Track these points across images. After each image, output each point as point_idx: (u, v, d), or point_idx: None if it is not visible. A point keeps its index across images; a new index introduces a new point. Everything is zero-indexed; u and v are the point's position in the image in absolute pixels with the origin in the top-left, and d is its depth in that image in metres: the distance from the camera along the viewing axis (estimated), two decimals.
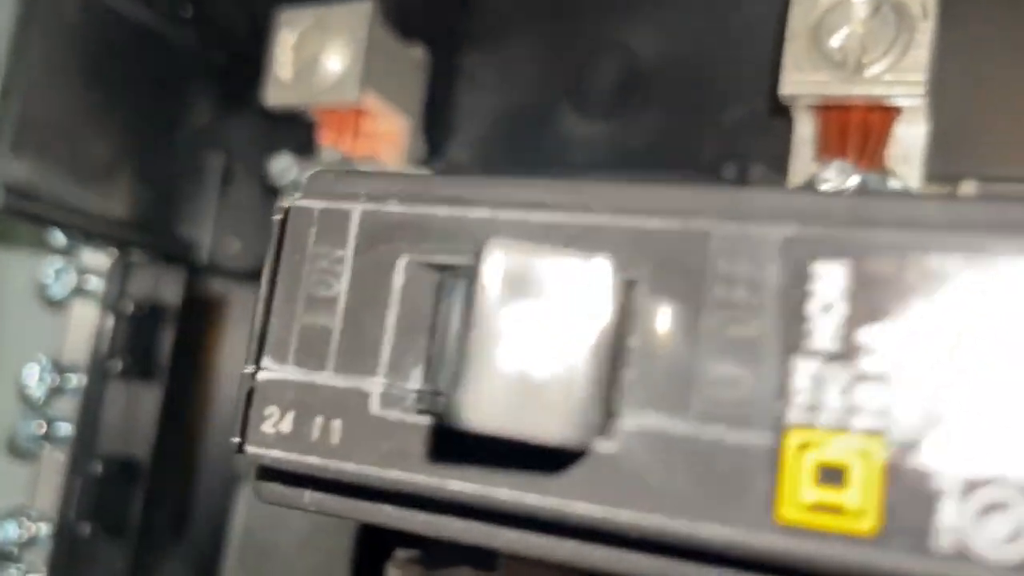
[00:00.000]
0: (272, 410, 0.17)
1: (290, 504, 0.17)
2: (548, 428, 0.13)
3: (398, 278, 0.16)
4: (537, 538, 0.15)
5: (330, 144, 0.39)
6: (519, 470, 0.14)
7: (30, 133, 0.34)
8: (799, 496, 0.13)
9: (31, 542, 0.37)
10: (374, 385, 0.16)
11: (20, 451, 0.40)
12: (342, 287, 0.17)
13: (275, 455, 0.16)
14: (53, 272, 0.41)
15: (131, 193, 0.40)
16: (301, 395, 0.17)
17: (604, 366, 0.14)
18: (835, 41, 0.29)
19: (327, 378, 0.16)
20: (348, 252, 0.17)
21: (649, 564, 0.14)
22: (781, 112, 0.33)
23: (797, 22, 0.30)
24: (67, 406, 0.39)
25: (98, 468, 0.38)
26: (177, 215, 0.41)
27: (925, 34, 0.29)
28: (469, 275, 0.14)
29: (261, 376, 0.17)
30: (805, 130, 0.32)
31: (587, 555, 0.15)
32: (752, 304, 0.14)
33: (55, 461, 0.39)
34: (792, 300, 0.14)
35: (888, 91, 0.29)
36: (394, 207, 0.17)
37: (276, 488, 0.17)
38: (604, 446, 0.14)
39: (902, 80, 0.29)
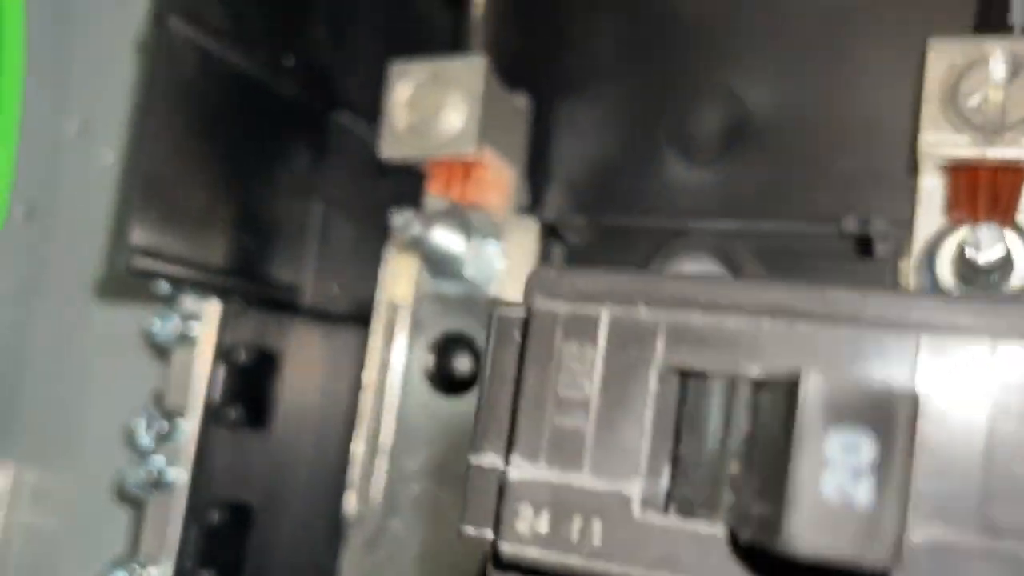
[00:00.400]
0: (527, 509, 0.17)
1: None
2: (868, 553, 0.13)
3: (653, 383, 0.17)
4: None
5: (438, 193, 0.39)
6: None
7: (154, 194, 0.34)
8: None
9: None
10: (634, 488, 0.17)
11: (129, 497, 0.41)
12: (594, 390, 0.17)
13: (533, 554, 0.17)
14: (158, 320, 0.41)
15: (234, 241, 0.40)
16: (557, 495, 0.17)
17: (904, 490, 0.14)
18: (973, 102, 0.30)
19: (584, 480, 0.17)
20: (599, 355, 0.17)
21: None
22: (902, 166, 0.34)
23: (933, 82, 0.30)
24: (173, 452, 0.39)
25: (214, 516, 0.38)
26: (279, 261, 0.42)
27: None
28: (727, 382, 0.14)
29: (513, 474, 0.17)
30: (930, 185, 0.32)
31: None
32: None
33: (163, 507, 0.39)
34: None
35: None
36: (643, 312, 0.17)
37: None
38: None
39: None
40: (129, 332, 0.43)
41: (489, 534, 0.18)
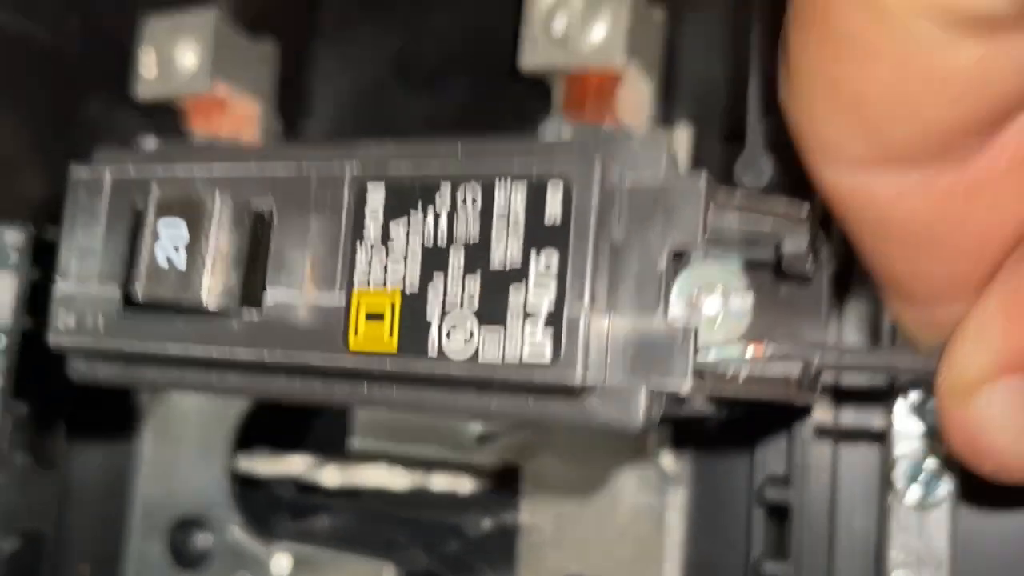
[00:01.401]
0: (63, 312, 0.25)
1: (88, 375, 0.25)
2: (182, 297, 0.21)
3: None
4: (216, 375, 0.23)
5: (198, 127, 0.47)
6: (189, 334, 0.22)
7: None
8: (359, 332, 0.21)
9: None
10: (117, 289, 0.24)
11: None
12: (101, 226, 0.25)
13: (65, 341, 0.25)
14: None
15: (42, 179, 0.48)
16: (79, 299, 0.25)
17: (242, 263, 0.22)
18: (560, 24, 0.37)
19: (92, 288, 0.24)
20: (104, 202, 0.25)
21: (290, 385, 0.23)
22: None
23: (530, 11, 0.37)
24: None
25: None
26: None
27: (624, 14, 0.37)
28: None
29: (57, 289, 0.25)
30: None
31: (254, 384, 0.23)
32: (335, 215, 0.22)
33: None
34: (356, 209, 0.22)
35: (598, 59, 0.37)
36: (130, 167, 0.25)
37: (75, 365, 0.25)
38: (255, 312, 0.23)
39: (607, 50, 0.37)
40: None
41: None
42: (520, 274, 0.20)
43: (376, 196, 0.22)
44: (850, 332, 0.34)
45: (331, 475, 0.43)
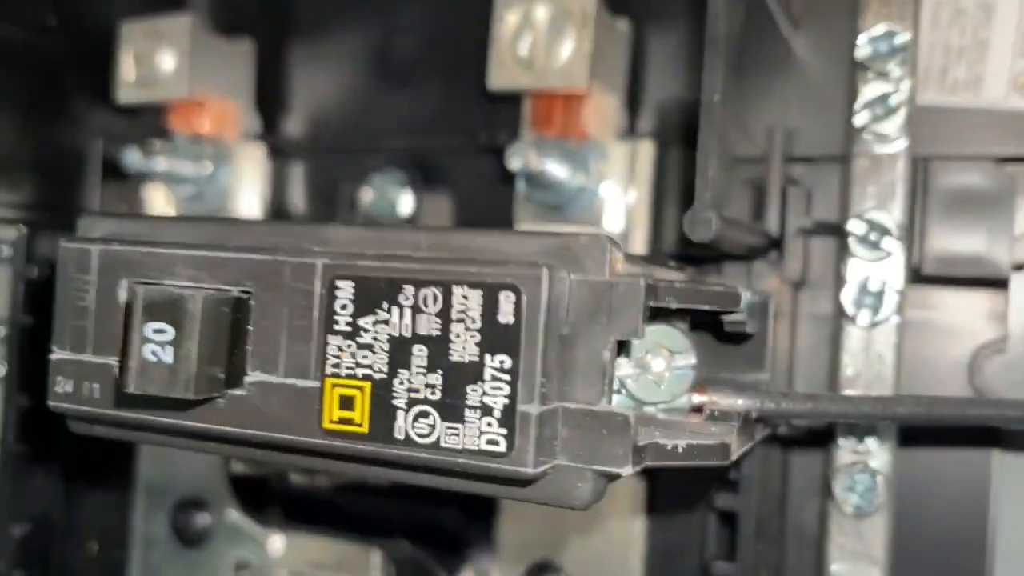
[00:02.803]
0: (62, 379, 0.27)
1: (87, 432, 0.27)
2: (171, 390, 0.23)
3: (122, 293, 0.26)
4: (203, 444, 0.25)
5: (179, 128, 0.48)
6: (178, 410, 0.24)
7: None
8: (333, 415, 0.24)
9: None
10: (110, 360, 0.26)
11: None
12: (91, 300, 0.26)
13: (64, 406, 0.27)
14: None
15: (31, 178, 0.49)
16: (75, 368, 0.27)
17: (223, 348, 0.24)
18: (523, 48, 0.38)
19: (88, 358, 0.26)
20: (93, 276, 0.26)
21: (271, 456, 0.25)
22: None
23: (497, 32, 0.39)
24: None
25: None
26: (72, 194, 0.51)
27: (588, 35, 0.38)
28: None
29: (53, 357, 0.27)
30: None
31: (238, 452, 0.25)
32: (308, 304, 0.24)
33: None
34: (328, 302, 0.24)
35: (563, 80, 0.38)
36: (116, 247, 0.26)
37: (75, 423, 0.28)
38: (238, 392, 0.25)
39: (572, 70, 0.38)
40: None
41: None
42: (477, 371, 0.22)
43: (345, 292, 0.24)
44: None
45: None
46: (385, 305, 0.23)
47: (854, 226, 0.34)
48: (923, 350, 0.37)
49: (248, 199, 0.48)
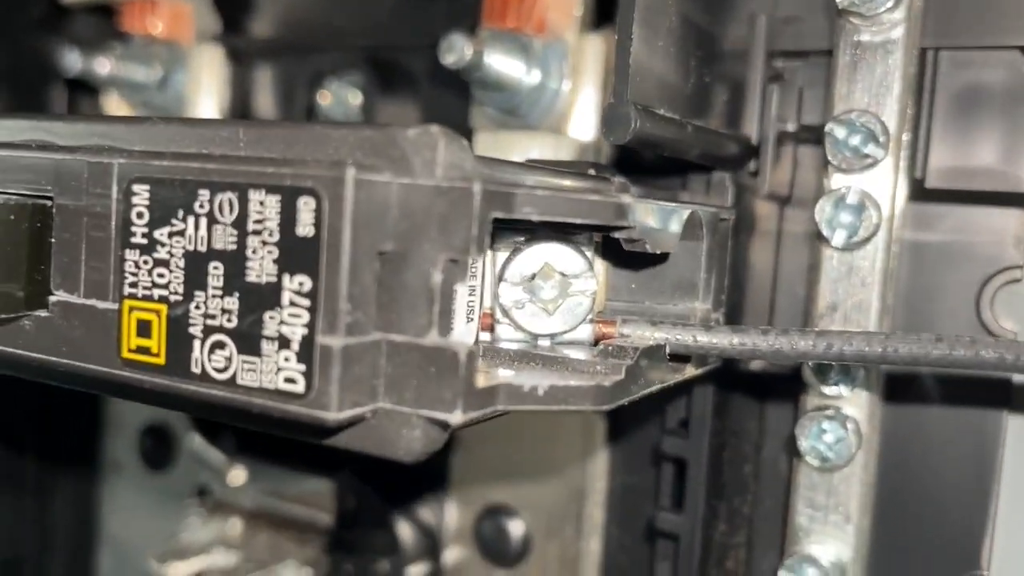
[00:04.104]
0: None
1: None
2: None
3: None
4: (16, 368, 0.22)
5: (132, 29, 0.44)
6: None
7: None
8: (131, 343, 0.20)
9: None
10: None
11: None
12: None
13: None
14: None
15: None
16: None
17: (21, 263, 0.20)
18: None
19: None
20: None
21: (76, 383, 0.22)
22: None
23: None
24: None
25: None
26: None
27: None
28: None
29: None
30: None
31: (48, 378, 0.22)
32: (106, 212, 0.20)
33: None
34: (124, 211, 0.20)
35: None
36: None
37: None
38: (42, 314, 0.21)
39: None
40: None
41: None
42: (275, 294, 0.19)
43: (141, 198, 0.20)
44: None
45: None
46: (180, 214, 0.19)
47: (833, 129, 0.29)
48: (921, 278, 0.31)
49: (205, 106, 0.44)
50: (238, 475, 0.45)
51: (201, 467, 0.46)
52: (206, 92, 0.44)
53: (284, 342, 0.18)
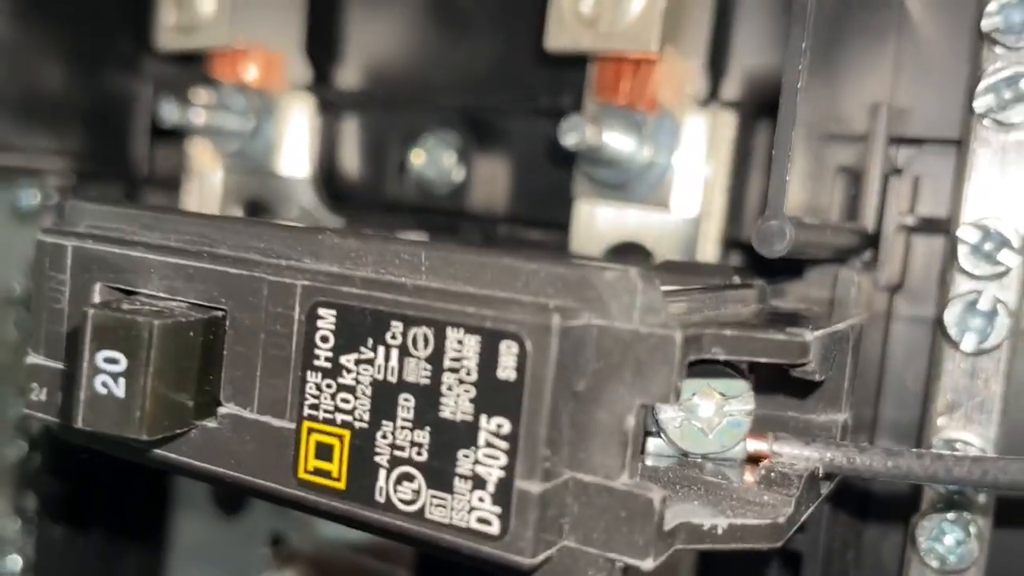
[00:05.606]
0: (36, 386, 0.24)
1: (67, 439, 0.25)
2: (123, 429, 0.20)
3: (95, 296, 0.23)
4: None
5: (223, 77, 0.45)
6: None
7: None
8: (308, 464, 0.20)
9: None
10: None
11: None
12: (66, 301, 0.24)
13: (39, 415, 0.24)
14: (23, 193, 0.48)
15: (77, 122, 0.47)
16: (49, 376, 0.24)
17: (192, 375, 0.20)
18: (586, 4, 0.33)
19: (54, 363, 0.24)
20: (67, 276, 0.23)
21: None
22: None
23: None
24: None
25: None
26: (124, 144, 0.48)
27: None
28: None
29: (29, 361, 0.24)
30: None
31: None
32: (287, 332, 0.20)
33: None
34: (307, 331, 0.20)
35: (627, 44, 0.33)
36: (91, 244, 0.23)
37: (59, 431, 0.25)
38: (210, 424, 0.21)
39: (641, 31, 0.33)
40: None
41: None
42: (471, 433, 0.19)
43: (327, 322, 0.20)
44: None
45: None
46: (370, 342, 0.20)
47: (966, 233, 0.29)
48: None
49: (294, 156, 0.44)
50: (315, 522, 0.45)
51: (277, 512, 0.46)
52: (295, 143, 0.44)
53: (479, 482, 0.19)
